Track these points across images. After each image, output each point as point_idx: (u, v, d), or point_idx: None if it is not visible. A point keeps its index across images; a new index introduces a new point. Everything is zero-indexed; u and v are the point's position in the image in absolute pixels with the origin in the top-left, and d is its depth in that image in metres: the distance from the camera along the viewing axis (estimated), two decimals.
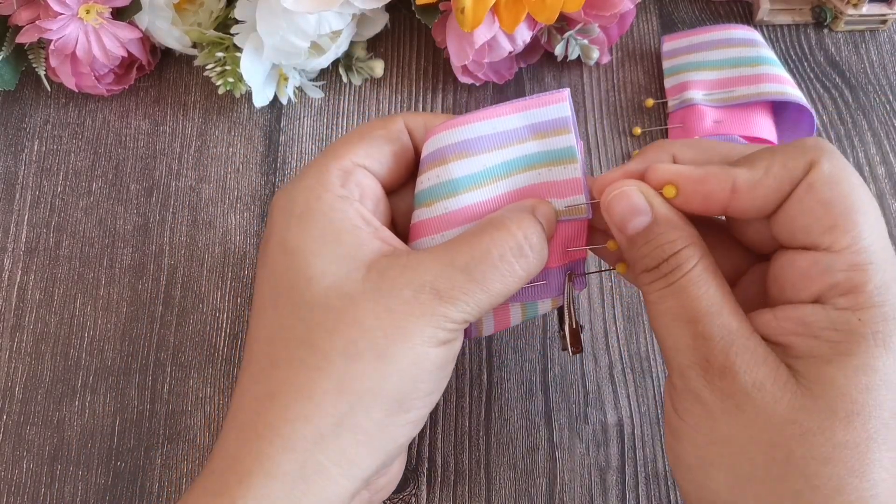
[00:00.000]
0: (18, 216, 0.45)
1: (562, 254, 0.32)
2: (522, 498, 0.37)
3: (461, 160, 0.31)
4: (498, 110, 0.31)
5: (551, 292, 0.32)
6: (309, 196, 0.30)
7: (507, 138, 0.31)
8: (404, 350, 0.28)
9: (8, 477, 0.38)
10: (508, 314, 0.33)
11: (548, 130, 0.31)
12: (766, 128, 0.44)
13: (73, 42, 0.43)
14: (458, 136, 0.31)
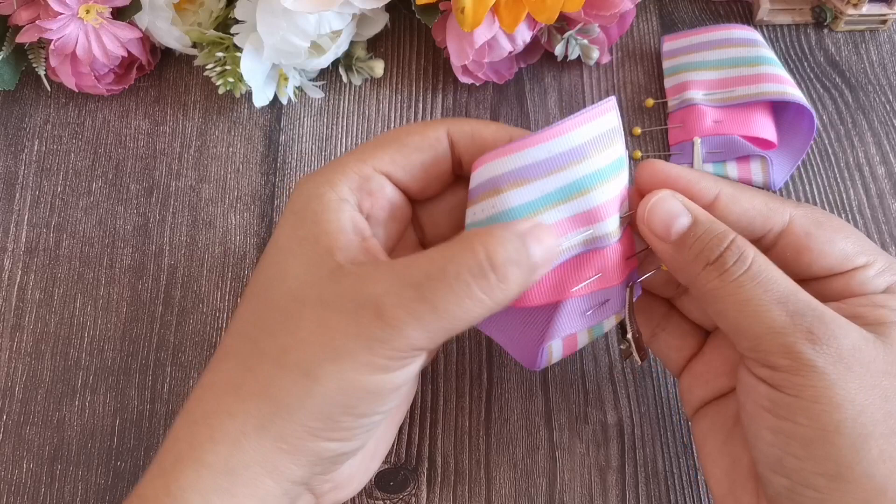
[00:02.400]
0: (18, 216, 0.45)
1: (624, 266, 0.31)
2: (522, 498, 0.37)
3: (516, 189, 0.29)
4: (551, 132, 0.29)
5: (617, 308, 0.32)
6: (312, 194, 0.29)
7: (562, 161, 0.29)
8: (331, 373, 0.26)
9: (8, 477, 0.38)
10: (576, 340, 0.32)
11: (602, 145, 0.29)
12: (766, 128, 0.44)
13: (73, 42, 0.43)
14: (511, 163, 0.29)
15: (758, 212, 0.30)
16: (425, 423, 0.39)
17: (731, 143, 0.43)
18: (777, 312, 0.27)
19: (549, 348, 0.32)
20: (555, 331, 0.31)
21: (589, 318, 0.31)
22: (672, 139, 0.46)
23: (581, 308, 0.31)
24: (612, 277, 0.30)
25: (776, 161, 0.44)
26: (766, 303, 0.28)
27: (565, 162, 0.29)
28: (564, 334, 0.31)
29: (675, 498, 0.37)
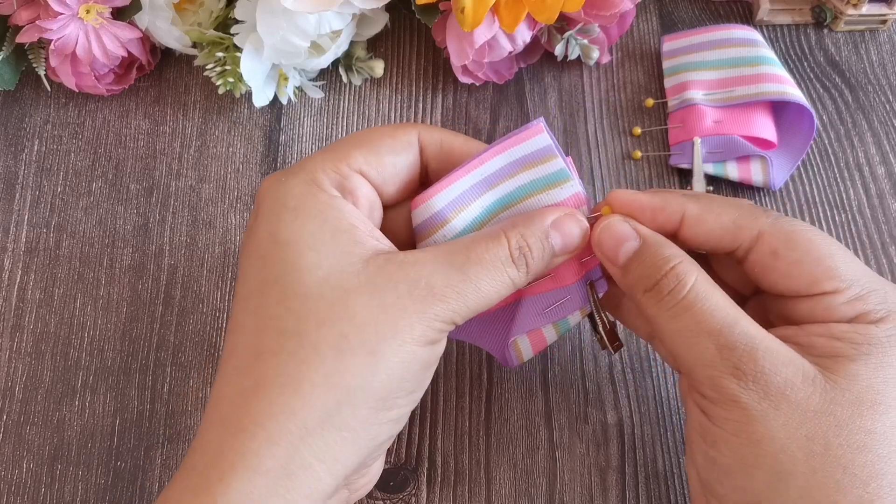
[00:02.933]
0: (18, 216, 0.45)
1: (578, 267, 0.32)
2: (522, 498, 0.37)
3: (460, 214, 0.31)
4: (481, 158, 0.31)
5: (578, 305, 0.33)
6: (303, 191, 0.29)
7: (496, 178, 0.32)
8: (394, 347, 0.28)
9: (8, 477, 0.38)
10: (543, 335, 0.34)
11: (534, 161, 0.31)
12: (766, 128, 0.44)
13: (73, 42, 0.43)
14: (449, 195, 0.31)
15: (725, 230, 0.31)
16: (425, 423, 0.39)
17: (731, 143, 0.43)
18: (706, 345, 0.28)
19: (515, 345, 0.34)
20: (516, 328, 0.33)
21: (549, 314, 0.33)
22: (672, 139, 0.46)
23: (539, 306, 0.33)
24: (563, 277, 0.32)
25: (776, 161, 0.44)
26: (696, 335, 0.28)
27: (498, 179, 0.32)
28: (525, 330, 0.33)
29: (675, 498, 0.37)
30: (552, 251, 0.31)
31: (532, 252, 0.30)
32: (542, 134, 0.31)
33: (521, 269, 0.30)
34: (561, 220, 0.31)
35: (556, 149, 0.31)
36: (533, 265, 0.30)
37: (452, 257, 0.29)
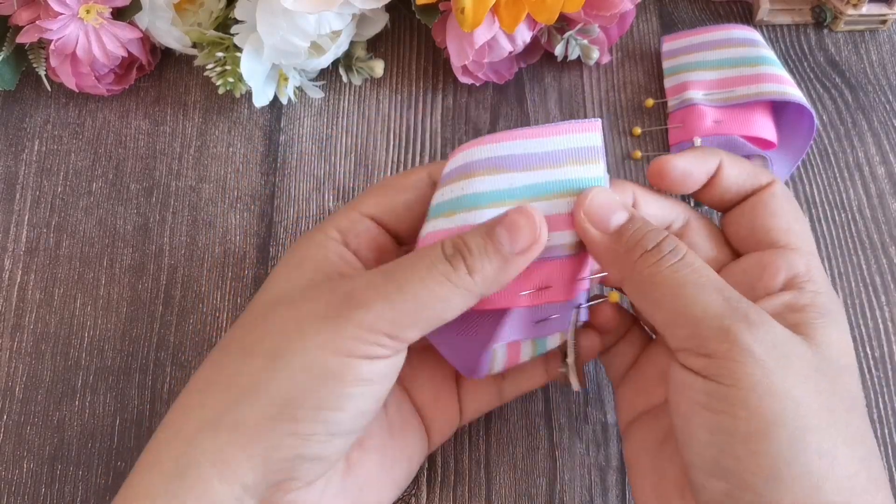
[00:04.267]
0: (18, 216, 0.45)
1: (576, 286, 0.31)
2: (522, 498, 0.37)
3: (488, 176, 0.30)
4: (530, 132, 0.30)
5: (563, 326, 0.32)
6: (305, 238, 0.32)
7: (536, 161, 0.30)
8: (296, 352, 0.27)
9: (8, 477, 0.38)
10: (519, 349, 0.33)
11: (580, 159, 0.30)
12: (766, 128, 0.44)
13: (74, 42, 0.43)
14: (486, 152, 0.30)
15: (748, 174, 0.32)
16: None
17: (731, 143, 0.43)
18: (714, 296, 0.27)
19: (493, 354, 0.32)
20: (501, 334, 0.31)
21: (534, 329, 0.31)
22: (672, 139, 0.46)
23: (529, 317, 0.31)
24: (560, 292, 0.30)
25: (776, 161, 0.44)
26: (703, 286, 0.27)
27: (539, 163, 0.30)
28: (509, 339, 0.31)
29: None
30: (500, 248, 0.28)
31: (471, 249, 0.28)
32: (596, 132, 0.30)
33: (457, 267, 0.28)
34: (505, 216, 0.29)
35: (603, 154, 0.30)
36: (476, 264, 0.28)
37: (388, 266, 0.28)
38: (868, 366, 0.40)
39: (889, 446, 0.38)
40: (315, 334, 0.27)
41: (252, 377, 0.27)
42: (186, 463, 0.27)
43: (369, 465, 0.31)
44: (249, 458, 0.27)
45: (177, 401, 0.29)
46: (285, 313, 0.28)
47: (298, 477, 0.28)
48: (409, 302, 0.27)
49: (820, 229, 0.43)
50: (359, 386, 0.27)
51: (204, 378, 0.29)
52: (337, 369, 0.27)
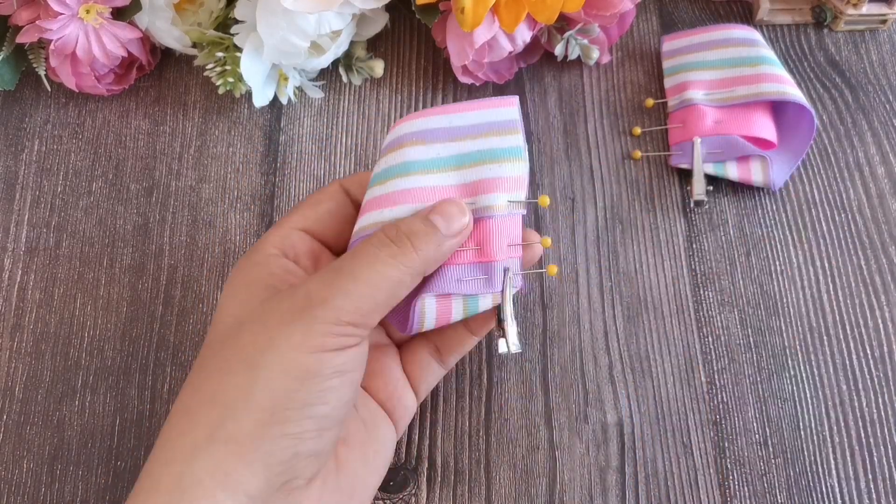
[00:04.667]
0: (18, 216, 0.45)
1: (503, 249, 0.33)
2: (522, 498, 0.37)
3: (416, 146, 0.33)
4: (454, 107, 0.34)
5: (492, 288, 0.33)
6: (245, 261, 0.33)
7: (460, 133, 0.34)
8: (272, 358, 0.28)
9: (8, 477, 0.38)
10: (450, 307, 0.34)
11: (499, 130, 0.34)
12: (766, 128, 0.44)
13: (73, 42, 0.43)
14: (416, 126, 0.34)
15: None
16: (425, 423, 0.39)
17: (731, 143, 0.43)
18: None
19: (421, 307, 0.33)
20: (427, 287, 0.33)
21: (464, 285, 0.33)
22: (672, 139, 0.46)
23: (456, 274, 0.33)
24: (489, 252, 0.33)
25: (776, 161, 0.44)
26: None
27: (461, 134, 0.34)
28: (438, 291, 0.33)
29: (675, 498, 0.37)
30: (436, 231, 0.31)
31: (413, 230, 0.31)
32: (513, 107, 0.34)
33: (403, 246, 0.30)
34: (439, 204, 0.32)
35: (520, 126, 0.33)
36: (419, 243, 0.31)
37: (334, 263, 0.31)
38: (868, 366, 0.40)
39: (889, 446, 0.38)
40: (286, 339, 0.28)
41: (235, 391, 0.28)
42: (188, 481, 0.27)
43: (355, 459, 0.33)
44: (249, 466, 0.28)
45: (163, 430, 0.30)
46: (252, 328, 0.30)
47: (298, 475, 0.29)
48: (364, 289, 0.29)
49: (820, 229, 0.43)
50: (336, 377, 0.29)
51: (186, 403, 0.30)
52: (314, 366, 0.28)
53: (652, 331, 0.41)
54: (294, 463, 0.29)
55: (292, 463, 0.29)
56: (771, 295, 0.42)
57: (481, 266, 0.33)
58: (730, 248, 0.43)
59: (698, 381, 0.40)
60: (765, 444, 0.38)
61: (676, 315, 0.41)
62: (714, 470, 0.38)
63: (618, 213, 0.44)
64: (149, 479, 0.28)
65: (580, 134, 0.47)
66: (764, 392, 0.39)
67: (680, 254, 0.43)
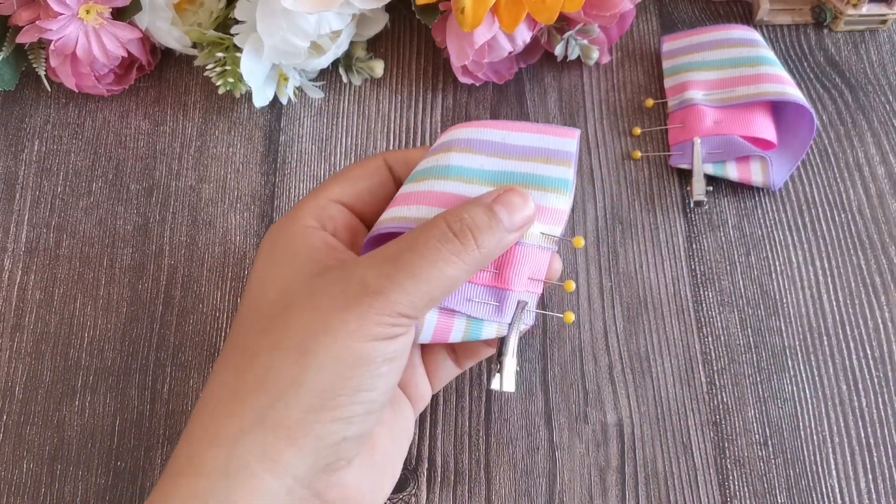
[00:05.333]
0: (18, 216, 0.45)
1: (523, 280, 0.31)
2: (522, 498, 0.37)
3: (463, 153, 0.32)
4: (513, 125, 0.33)
5: (500, 316, 0.31)
6: (280, 229, 0.33)
7: (510, 151, 0.32)
8: (325, 344, 0.28)
9: (8, 477, 0.38)
10: (451, 325, 0.32)
11: (551, 158, 0.32)
12: (765, 128, 0.44)
13: (73, 42, 0.43)
14: (469, 134, 0.33)
15: None
16: (425, 423, 0.39)
17: (731, 143, 0.43)
18: None
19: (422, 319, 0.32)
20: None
21: (472, 306, 0.31)
22: (672, 139, 0.46)
23: (469, 293, 0.32)
24: (507, 279, 0.31)
25: (776, 161, 0.44)
26: None
27: (511, 153, 0.32)
28: (444, 304, 0.31)
29: (675, 498, 0.37)
30: (500, 223, 0.30)
31: (476, 223, 0.30)
32: (574, 139, 0.32)
33: (465, 241, 0.29)
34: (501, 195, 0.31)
35: (574, 160, 0.32)
36: (481, 236, 0.29)
37: (389, 250, 0.30)
38: (868, 366, 0.40)
39: (889, 446, 0.38)
40: (342, 325, 0.28)
41: (287, 375, 0.28)
42: (235, 465, 0.27)
43: (385, 436, 0.33)
44: (299, 451, 0.28)
45: (202, 408, 0.29)
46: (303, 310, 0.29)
47: (343, 457, 0.30)
48: (421, 286, 0.29)
49: (820, 229, 0.43)
50: (386, 364, 0.29)
51: (230, 384, 0.29)
52: (367, 354, 0.28)
53: (652, 331, 0.41)
54: (342, 445, 0.29)
55: (340, 446, 0.29)
56: (771, 295, 0.42)
57: (495, 291, 0.31)
58: (730, 248, 0.43)
59: (698, 381, 0.40)
60: (765, 444, 0.38)
61: (676, 315, 0.41)
62: (714, 470, 0.38)
63: (618, 213, 0.44)
64: (189, 462, 0.28)
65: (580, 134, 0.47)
66: (764, 392, 0.39)
67: (680, 254, 0.43)
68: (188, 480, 0.28)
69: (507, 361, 0.32)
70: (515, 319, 0.31)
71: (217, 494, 0.27)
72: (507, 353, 0.31)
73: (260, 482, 0.27)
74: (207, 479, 0.27)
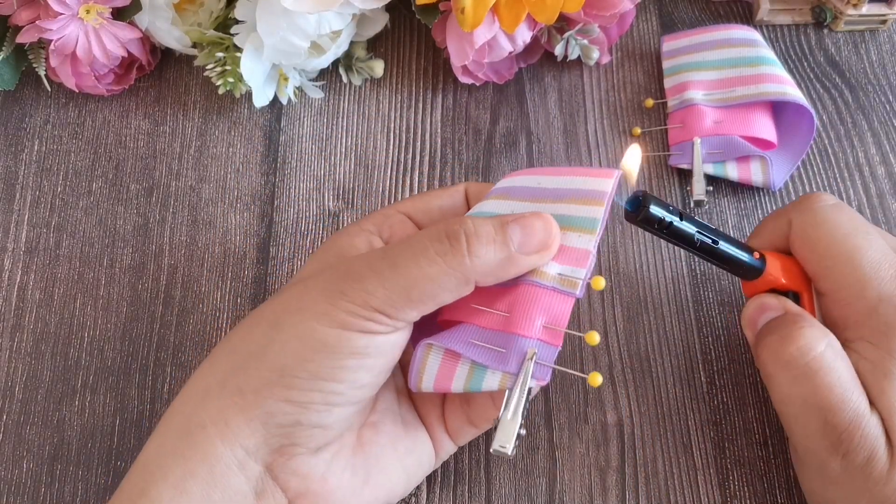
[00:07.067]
0: (18, 216, 0.45)
1: (535, 326, 0.28)
2: (522, 498, 0.37)
3: (497, 200, 0.32)
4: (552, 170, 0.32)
5: (504, 365, 0.28)
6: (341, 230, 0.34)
7: (542, 194, 0.31)
8: (293, 322, 0.28)
9: (8, 477, 0.38)
10: (453, 372, 0.30)
11: (583, 198, 0.30)
12: (765, 128, 0.44)
13: (73, 42, 0.43)
14: (509, 182, 0.32)
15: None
16: None
17: (731, 143, 0.43)
18: (813, 419, 0.30)
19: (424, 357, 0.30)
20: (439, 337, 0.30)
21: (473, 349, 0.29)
22: (672, 139, 0.46)
23: (472, 335, 0.29)
24: (516, 322, 0.28)
25: (776, 161, 0.44)
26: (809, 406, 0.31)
27: (542, 196, 0.30)
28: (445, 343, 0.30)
29: (675, 498, 0.37)
30: (510, 240, 0.28)
31: (479, 234, 0.28)
32: (610, 179, 0.30)
33: (455, 244, 0.27)
34: (521, 216, 0.29)
35: (607, 200, 0.29)
36: (478, 245, 0.28)
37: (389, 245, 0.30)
38: None
39: None
40: (312, 304, 0.28)
41: (254, 344, 0.29)
42: (195, 424, 0.28)
43: (381, 445, 0.32)
44: (249, 422, 0.28)
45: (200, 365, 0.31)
46: (294, 288, 0.30)
47: (300, 443, 0.29)
48: (400, 281, 0.27)
49: None
50: (354, 358, 0.28)
51: (217, 349, 0.31)
52: (331, 340, 0.27)
53: (652, 331, 0.41)
54: (295, 430, 0.28)
55: (293, 430, 0.28)
56: None
57: (501, 335, 0.28)
58: None
59: (698, 381, 0.40)
60: (765, 444, 0.38)
61: (676, 315, 0.41)
62: (714, 470, 0.38)
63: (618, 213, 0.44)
64: (165, 417, 0.30)
65: (580, 134, 0.47)
66: (764, 392, 0.39)
67: (680, 254, 0.43)
68: (159, 436, 0.29)
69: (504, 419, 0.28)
70: (522, 371, 0.28)
71: (176, 451, 0.28)
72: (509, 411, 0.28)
73: (211, 445, 0.28)
74: (173, 435, 0.28)
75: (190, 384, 0.30)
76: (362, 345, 0.28)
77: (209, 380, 0.29)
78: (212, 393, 0.28)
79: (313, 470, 0.30)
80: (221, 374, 0.29)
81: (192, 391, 0.30)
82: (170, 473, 0.27)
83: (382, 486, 0.32)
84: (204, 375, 0.30)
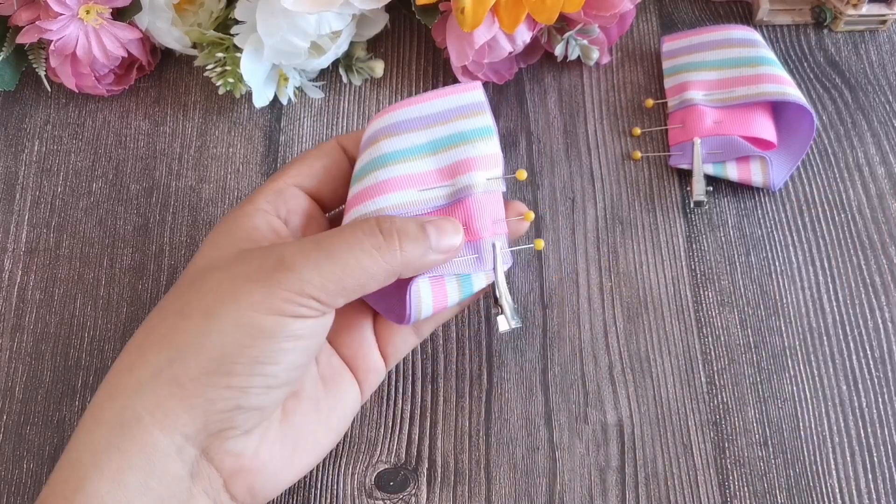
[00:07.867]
0: (18, 216, 0.45)
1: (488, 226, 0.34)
2: (522, 498, 0.37)
3: (390, 139, 0.34)
4: (421, 98, 0.35)
5: (482, 265, 0.34)
6: (234, 212, 0.34)
7: (430, 120, 0.35)
8: (229, 312, 0.29)
9: (8, 477, 0.38)
10: (445, 289, 0.34)
11: (467, 113, 0.35)
12: (765, 128, 0.44)
13: (74, 42, 0.43)
14: (387, 121, 0.35)
15: None
16: (425, 423, 0.39)
17: (731, 143, 0.43)
18: None
19: (417, 291, 0.33)
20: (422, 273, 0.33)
21: (454, 265, 0.33)
22: (672, 139, 0.46)
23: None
24: (475, 230, 0.34)
25: (776, 161, 0.44)
26: None
27: (432, 122, 0.35)
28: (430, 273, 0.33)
29: (675, 498, 0.37)
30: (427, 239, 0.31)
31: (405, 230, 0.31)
32: (478, 90, 0.36)
33: (389, 239, 0.30)
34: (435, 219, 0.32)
35: (487, 107, 0.35)
36: (407, 244, 0.31)
37: (317, 236, 0.31)
38: (868, 366, 0.40)
39: (889, 446, 0.38)
40: (248, 294, 0.29)
41: (188, 336, 0.29)
42: (129, 416, 0.28)
43: (304, 413, 0.33)
44: (189, 410, 0.29)
45: (114, 364, 0.31)
46: (218, 276, 0.30)
47: (237, 426, 0.30)
48: (336, 270, 0.29)
49: (820, 229, 0.43)
50: (290, 341, 0.30)
51: (139, 341, 0.31)
52: (270, 327, 0.29)
53: (652, 331, 0.41)
54: (235, 414, 0.30)
55: (233, 414, 0.30)
56: (771, 295, 0.42)
57: (470, 245, 0.34)
58: (730, 249, 0.43)
59: (698, 381, 0.40)
60: (765, 444, 0.38)
61: (676, 315, 0.41)
62: (714, 470, 0.38)
63: (618, 213, 0.44)
64: (92, 413, 0.29)
65: (580, 134, 0.47)
66: (764, 392, 0.39)
67: (680, 254, 0.43)
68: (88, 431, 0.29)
69: (504, 301, 0.34)
70: (497, 262, 0.34)
71: (111, 444, 0.28)
72: (501, 294, 0.34)
73: (149, 435, 0.28)
74: (105, 428, 0.29)
75: (114, 379, 0.30)
76: (297, 328, 0.29)
77: (140, 373, 0.29)
78: (146, 386, 0.29)
79: (246, 448, 0.31)
80: (154, 367, 0.29)
81: (119, 386, 0.30)
82: (105, 467, 0.28)
83: (311, 451, 0.34)
84: (130, 370, 0.30)
